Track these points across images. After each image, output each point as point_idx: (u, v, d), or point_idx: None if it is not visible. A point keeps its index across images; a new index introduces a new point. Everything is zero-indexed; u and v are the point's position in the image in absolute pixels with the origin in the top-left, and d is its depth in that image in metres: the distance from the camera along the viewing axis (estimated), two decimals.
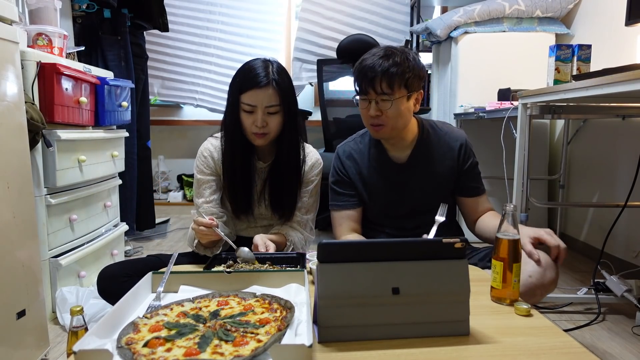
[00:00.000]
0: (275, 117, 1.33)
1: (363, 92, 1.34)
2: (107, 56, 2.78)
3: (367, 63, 1.32)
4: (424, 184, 1.46)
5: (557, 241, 1.17)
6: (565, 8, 2.92)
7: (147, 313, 0.86)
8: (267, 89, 1.29)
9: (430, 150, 1.47)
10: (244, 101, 1.30)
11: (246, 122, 1.32)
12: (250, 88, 1.29)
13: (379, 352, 0.76)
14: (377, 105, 1.33)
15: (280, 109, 1.33)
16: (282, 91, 1.32)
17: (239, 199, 1.44)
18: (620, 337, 1.74)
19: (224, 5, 4.00)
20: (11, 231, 1.33)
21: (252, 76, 1.30)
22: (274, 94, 1.30)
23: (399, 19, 3.91)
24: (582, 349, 0.78)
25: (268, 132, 1.33)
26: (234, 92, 1.33)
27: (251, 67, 1.32)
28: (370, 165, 1.48)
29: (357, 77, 1.35)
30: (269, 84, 1.29)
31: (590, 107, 2.06)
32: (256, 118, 1.30)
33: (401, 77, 1.30)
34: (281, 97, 1.31)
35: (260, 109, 1.30)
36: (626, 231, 2.42)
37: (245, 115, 1.32)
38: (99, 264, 2.22)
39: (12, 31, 1.37)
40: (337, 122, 3.35)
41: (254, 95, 1.29)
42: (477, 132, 2.96)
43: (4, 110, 1.31)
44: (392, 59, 1.30)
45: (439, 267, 0.82)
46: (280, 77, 1.32)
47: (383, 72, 1.29)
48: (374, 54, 1.35)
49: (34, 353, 1.43)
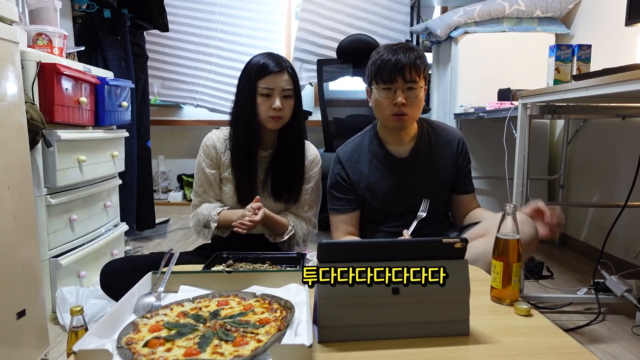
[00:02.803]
0: (289, 101, 1.44)
1: (390, 80, 1.38)
2: (107, 56, 2.78)
3: (391, 55, 1.38)
4: (426, 178, 1.48)
5: (553, 208, 1.21)
6: (565, 8, 2.92)
7: (147, 313, 0.86)
8: (282, 74, 1.42)
9: (430, 145, 1.49)
10: (262, 85, 1.41)
11: (262, 106, 1.42)
12: (267, 74, 1.41)
13: (379, 352, 0.76)
14: (404, 93, 1.38)
15: (293, 94, 1.45)
16: (294, 78, 1.46)
17: (244, 189, 1.50)
18: (620, 337, 1.74)
19: (224, 5, 3.99)
20: (11, 231, 1.33)
21: (268, 64, 1.42)
22: (289, 79, 1.43)
23: (399, 19, 3.90)
24: (582, 349, 0.78)
25: (283, 115, 1.43)
26: (250, 79, 1.43)
27: (264, 57, 1.45)
28: (371, 162, 1.49)
29: (383, 67, 1.38)
30: (284, 70, 1.43)
31: (590, 107, 2.06)
32: (273, 101, 1.41)
33: (424, 69, 1.40)
34: (294, 83, 1.45)
35: (277, 92, 1.41)
36: (626, 231, 2.42)
37: (262, 100, 1.42)
38: (99, 264, 2.21)
39: (12, 31, 1.37)
40: (337, 122, 3.35)
41: (271, 80, 1.41)
42: (477, 132, 2.96)
43: (4, 110, 1.31)
44: (415, 52, 1.39)
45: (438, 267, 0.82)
46: (291, 66, 1.47)
47: (412, 62, 1.36)
48: (393, 47, 1.41)
49: (34, 353, 1.43)
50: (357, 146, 1.53)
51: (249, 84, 1.44)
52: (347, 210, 1.50)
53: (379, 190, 1.48)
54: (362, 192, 1.49)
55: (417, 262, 0.80)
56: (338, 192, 1.51)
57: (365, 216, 1.54)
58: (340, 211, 1.50)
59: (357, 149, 1.52)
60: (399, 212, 1.49)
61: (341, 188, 1.50)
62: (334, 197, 1.52)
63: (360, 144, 1.53)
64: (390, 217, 1.51)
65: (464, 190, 1.55)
